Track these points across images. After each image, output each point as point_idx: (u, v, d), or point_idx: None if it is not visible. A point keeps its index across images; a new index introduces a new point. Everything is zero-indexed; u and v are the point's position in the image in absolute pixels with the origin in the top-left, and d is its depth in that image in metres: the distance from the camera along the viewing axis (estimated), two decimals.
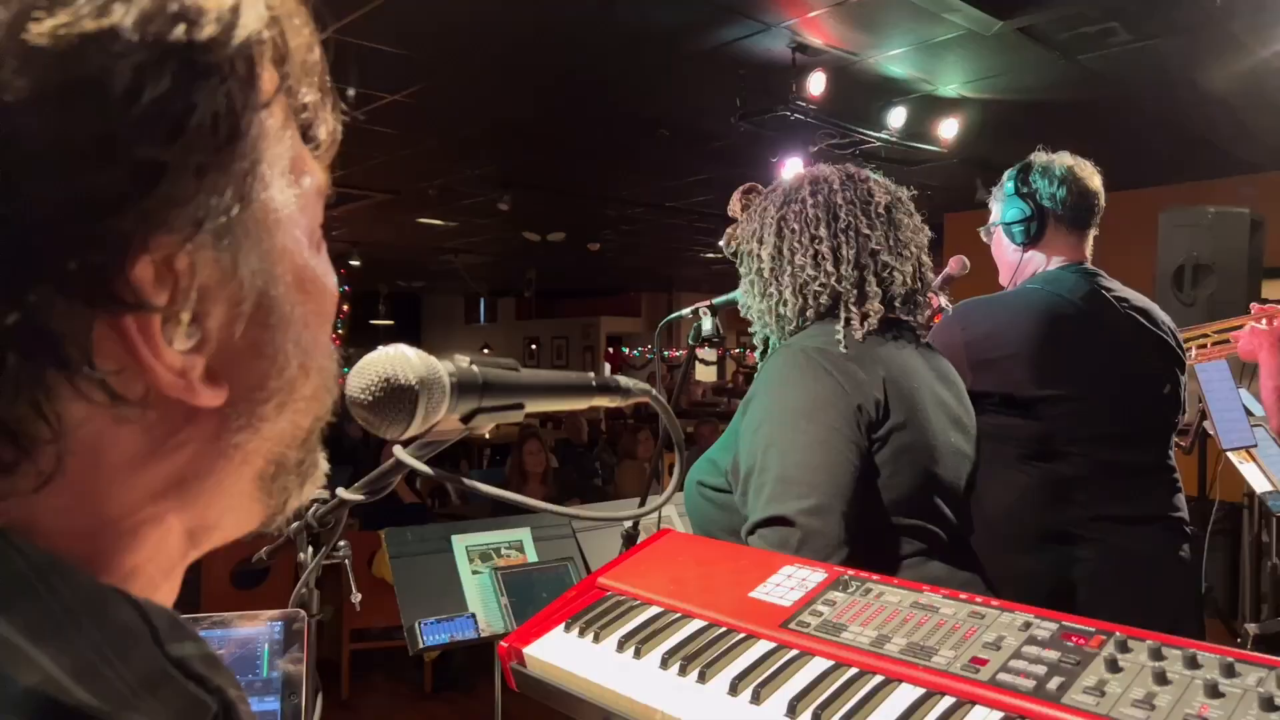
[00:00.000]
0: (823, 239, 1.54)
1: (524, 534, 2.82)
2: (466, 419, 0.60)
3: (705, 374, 17.60)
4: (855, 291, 1.54)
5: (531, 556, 2.77)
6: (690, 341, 2.03)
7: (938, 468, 1.49)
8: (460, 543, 2.70)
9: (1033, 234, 2.20)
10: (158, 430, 0.42)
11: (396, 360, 0.58)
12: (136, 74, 0.36)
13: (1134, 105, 5.31)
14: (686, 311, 2.04)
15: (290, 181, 0.46)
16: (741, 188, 1.75)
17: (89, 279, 0.37)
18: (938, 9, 3.94)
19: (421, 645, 2.44)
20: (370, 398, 0.57)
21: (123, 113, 0.36)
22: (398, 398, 0.57)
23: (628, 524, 2.43)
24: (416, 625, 2.47)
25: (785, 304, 1.57)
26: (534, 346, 19.75)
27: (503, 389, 0.61)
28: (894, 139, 5.30)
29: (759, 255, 1.60)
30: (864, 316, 1.53)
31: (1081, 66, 4.64)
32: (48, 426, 0.38)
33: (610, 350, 18.49)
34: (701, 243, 11.46)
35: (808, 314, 1.56)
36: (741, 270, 1.69)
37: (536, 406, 0.63)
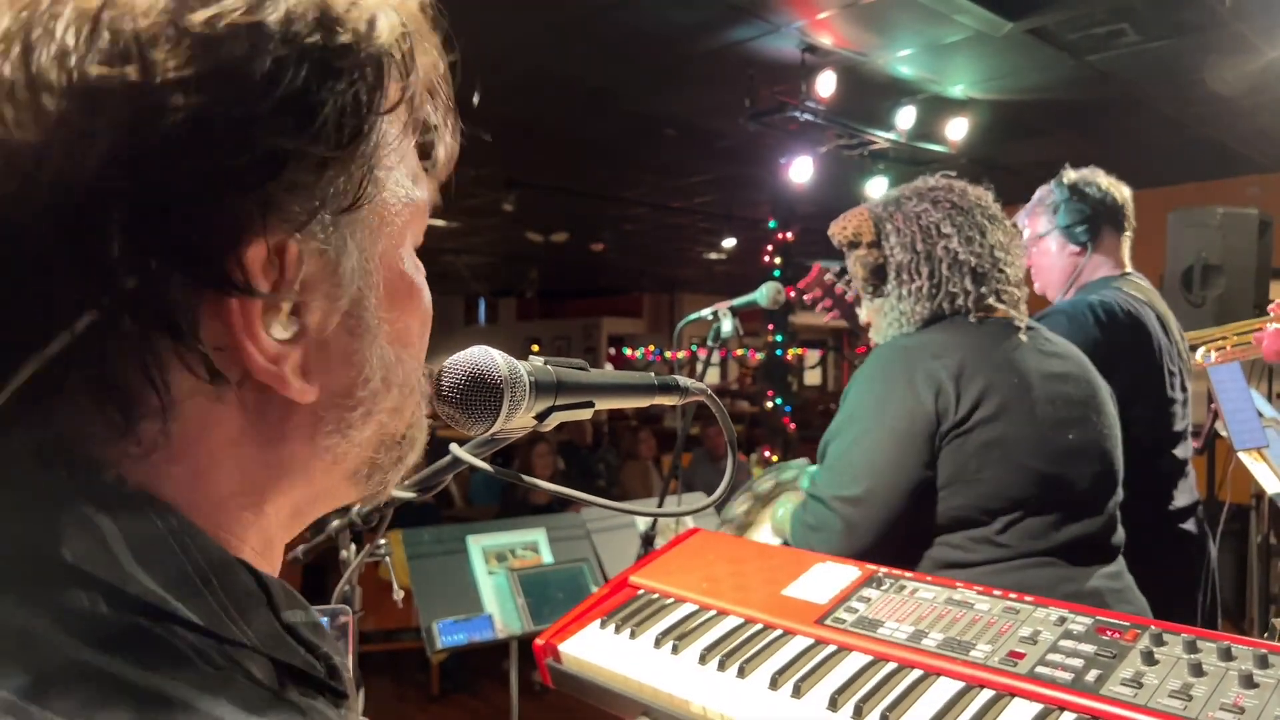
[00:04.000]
0: (950, 234, 1.59)
1: (539, 535, 2.83)
2: (541, 417, 0.62)
3: (708, 375, 17.58)
4: (979, 290, 1.59)
5: (547, 557, 2.79)
6: (710, 342, 2.05)
7: (1041, 463, 1.49)
8: (476, 544, 2.71)
9: (1092, 233, 2.29)
10: (258, 418, 0.45)
11: (483, 359, 0.60)
12: (275, 68, 0.39)
13: (1142, 106, 5.32)
14: (706, 312, 2.06)
15: (404, 192, 0.48)
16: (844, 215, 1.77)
17: (206, 256, 0.39)
18: (947, 10, 3.95)
19: (439, 645, 2.45)
20: (459, 395, 0.60)
21: (258, 101, 0.38)
22: (485, 395, 0.59)
23: (643, 525, 2.44)
24: (434, 626, 2.48)
25: (916, 304, 1.61)
26: (535, 348, 19.74)
27: (575, 388, 0.63)
28: (902, 139, 5.31)
29: (890, 264, 1.65)
30: (981, 311, 1.59)
31: (1090, 67, 4.65)
32: (155, 393, 0.41)
33: (612, 351, 18.46)
34: (705, 243, 11.46)
35: (934, 313, 1.60)
36: (864, 287, 1.72)
37: (605, 405, 0.65)
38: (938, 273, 1.59)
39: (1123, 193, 2.32)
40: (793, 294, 2.43)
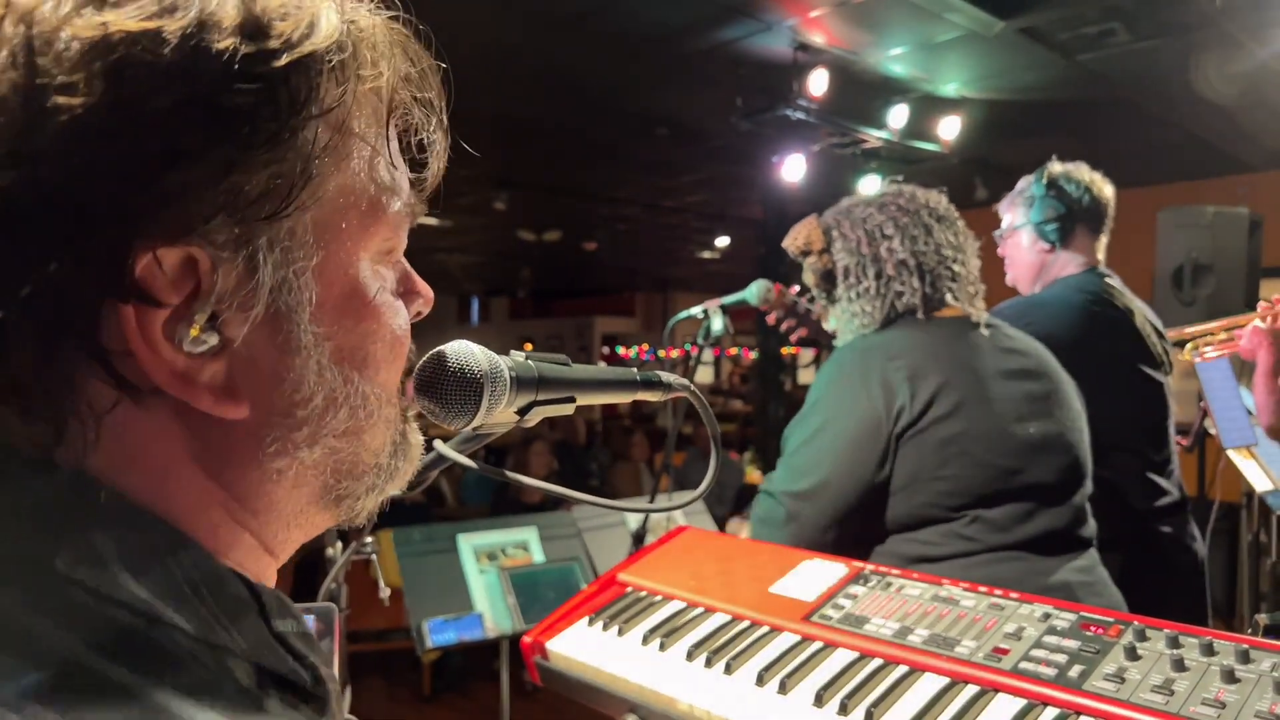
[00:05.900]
0: (893, 236, 1.63)
1: (530, 534, 2.82)
2: (522, 412, 0.62)
3: (702, 374, 17.53)
4: (927, 289, 1.63)
5: (538, 556, 2.78)
6: (700, 341, 2.04)
7: (1002, 457, 1.51)
8: (466, 542, 2.70)
9: (1063, 232, 2.29)
10: (198, 434, 0.44)
11: (463, 354, 0.60)
12: (168, 72, 0.38)
13: (1133, 105, 5.33)
14: (696, 310, 2.05)
15: (359, 200, 0.46)
16: (800, 224, 1.80)
17: (95, 259, 0.39)
18: (939, 9, 3.96)
19: (429, 645, 2.45)
20: (438, 390, 0.60)
21: (145, 104, 0.38)
22: (465, 390, 0.59)
23: (634, 524, 2.44)
24: (423, 625, 2.47)
25: (866, 304, 1.66)
26: (528, 346, 19.61)
27: (556, 383, 0.63)
28: (895, 138, 5.31)
29: (837, 269, 1.69)
30: (934, 309, 1.62)
31: (1081, 66, 4.66)
32: (73, 399, 0.40)
33: (605, 350, 18.45)
34: (698, 242, 11.46)
35: (887, 313, 1.64)
36: (818, 293, 1.77)
37: (587, 400, 0.65)
38: (884, 273, 1.63)
39: (1104, 192, 2.32)
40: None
